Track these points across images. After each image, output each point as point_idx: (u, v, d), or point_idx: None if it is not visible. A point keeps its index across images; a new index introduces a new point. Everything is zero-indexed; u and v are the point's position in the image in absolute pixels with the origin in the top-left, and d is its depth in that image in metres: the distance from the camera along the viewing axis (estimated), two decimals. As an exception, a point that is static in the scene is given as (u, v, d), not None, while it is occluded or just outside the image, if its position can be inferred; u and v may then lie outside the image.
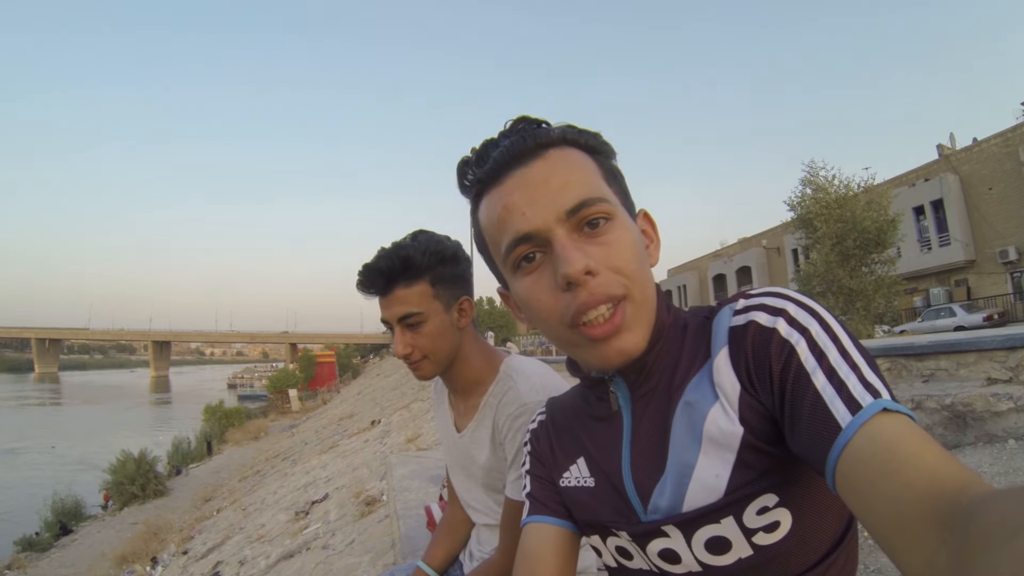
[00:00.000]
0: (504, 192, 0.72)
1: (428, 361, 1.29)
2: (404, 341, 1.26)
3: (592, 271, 0.66)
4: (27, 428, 41.14)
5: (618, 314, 0.68)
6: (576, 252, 0.67)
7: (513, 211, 0.70)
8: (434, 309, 1.28)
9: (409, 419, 11.32)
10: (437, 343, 1.28)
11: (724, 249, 39.32)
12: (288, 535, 6.58)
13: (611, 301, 0.67)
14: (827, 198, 15.44)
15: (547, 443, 0.89)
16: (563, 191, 0.69)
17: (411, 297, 1.26)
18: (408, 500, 3.73)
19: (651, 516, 0.71)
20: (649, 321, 0.72)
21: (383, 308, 1.28)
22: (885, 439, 0.52)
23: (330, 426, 20.67)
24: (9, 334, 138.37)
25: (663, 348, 0.75)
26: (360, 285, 1.29)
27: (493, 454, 1.31)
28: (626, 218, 0.72)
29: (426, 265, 1.27)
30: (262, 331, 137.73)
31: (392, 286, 1.25)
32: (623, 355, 0.70)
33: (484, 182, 0.75)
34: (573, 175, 0.70)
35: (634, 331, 0.70)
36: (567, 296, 0.68)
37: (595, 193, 0.69)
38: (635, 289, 0.69)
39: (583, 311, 0.67)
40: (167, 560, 9.98)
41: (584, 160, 0.73)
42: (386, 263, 1.25)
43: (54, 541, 14.88)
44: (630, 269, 0.69)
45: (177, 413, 51.01)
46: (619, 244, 0.69)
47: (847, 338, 0.62)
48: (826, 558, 0.68)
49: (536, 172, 0.71)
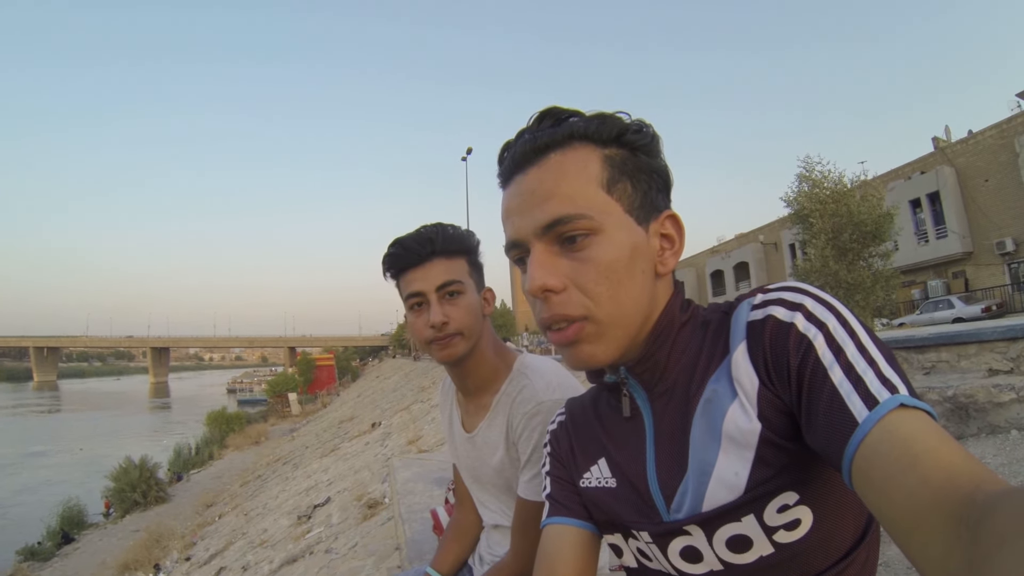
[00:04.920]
0: (507, 196, 0.76)
1: (461, 338, 1.26)
2: (442, 310, 1.23)
3: (552, 288, 0.69)
4: (38, 433, 40.94)
5: (571, 330, 0.70)
6: (539, 269, 0.70)
7: (507, 217, 0.75)
8: (470, 286, 1.29)
9: (409, 421, 11.32)
10: (470, 320, 1.26)
11: (721, 245, 39.60)
12: (291, 539, 6.59)
13: (567, 320, 0.70)
14: (822, 193, 15.44)
15: (567, 444, 0.89)
16: (544, 205, 0.70)
17: (453, 267, 1.27)
18: (412, 503, 3.71)
19: (673, 516, 0.71)
20: (617, 339, 0.72)
21: (417, 279, 1.25)
22: (901, 434, 0.52)
23: (330, 429, 20.68)
24: (7, 343, 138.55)
25: (677, 347, 0.75)
26: (395, 255, 1.27)
27: (507, 454, 1.29)
28: (617, 232, 0.71)
29: (465, 245, 1.30)
30: (261, 335, 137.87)
31: (432, 255, 1.25)
32: (582, 363, 0.72)
33: (502, 180, 0.79)
34: (561, 186, 0.70)
35: (595, 345, 0.71)
36: (537, 303, 0.72)
37: (576, 209, 0.69)
38: (599, 311, 0.69)
39: (545, 323, 0.72)
40: (170, 567, 9.94)
41: (586, 163, 0.72)
42: (433, 232, 1.26)
43: (56, 550, 14.82)
44: (597, 291, 0.69)
45: (177, 418, 50.95)
46: (593, 263, 0.69)
47: (865, 333, 0.62)
48: (847, 555, 0.68)
49: (529, 181, 0.73)
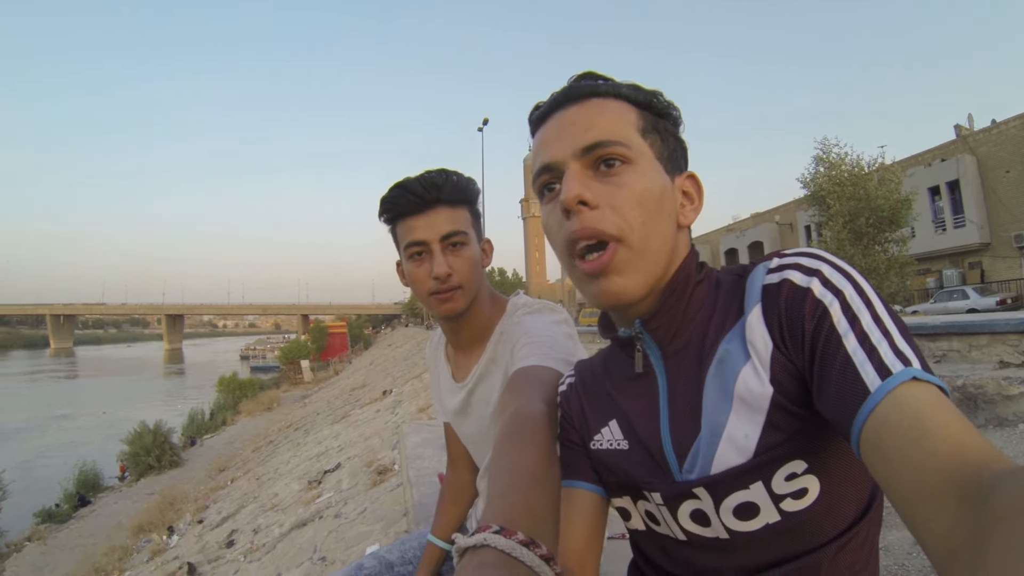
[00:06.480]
0: (544, 129, 0.78)
1: (461, 291, 1.22)
2: (446, 262, 1.19)
3: (588, 202, 0.70)
4: (59, 398, 41.58)
5: (606, 255, 0.70)
6: (575, 183, 0.71)
7: (543, 144, 0.76)
8: (472, 237, 1.25)
9: (421, 389, 11.20)
10: (472, 273, 1.23)
11: (737, 224, 39.15)
12: (301, 504, 6.55)
13: (600, 237, 0.70)
14: (840, 176, 15.24)
15: (578, 405, 0.87)
16: (586, 131, 0.72)
17: (457, 216, 1.22)
18: (421, 468, 3.73)
19: (686, 476, 0.71)
20: (648, 272, 0.72)
21: (419, 227, 1.20)
22: (912, 407, 0.52)
23: (342, 396, 20.64)
24: (24, 311, 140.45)
25: (692, 305, 0.76)
26: (396, 199, 1.21)
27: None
28: (649, 169, 0.73)
29: (469, 194, 1.26)
30: (274, 303, 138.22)
31: (437, 203, 1.20)
32: (611, 296, 0.72)
33: (536, 122, 0.81)
34: (602, 120, 0.73)
35: (626, 277, 0.71)
36: (567, 224, 0.72)
37: (615, 137, 0.72)
38: (632, 235, 0.70)
39: (574, 239, 0.71)
40: (183, 529, 10.02)
41: (624, 111, 0.75)
42: (439, 178, 1.20)
43: (72, 512, 15.07)
44: (631, 214, 0.70)
45: (192, 384, 51.38)
46: (627, 187, 0.71)
47: (881, 304, 0.62)
48: (850, 529, 0.69)
49: (571, 114, 0.75)
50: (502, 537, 0.50)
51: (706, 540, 0.72)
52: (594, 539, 0.81)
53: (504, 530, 0.50)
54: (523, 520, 0.54)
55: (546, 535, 0.55)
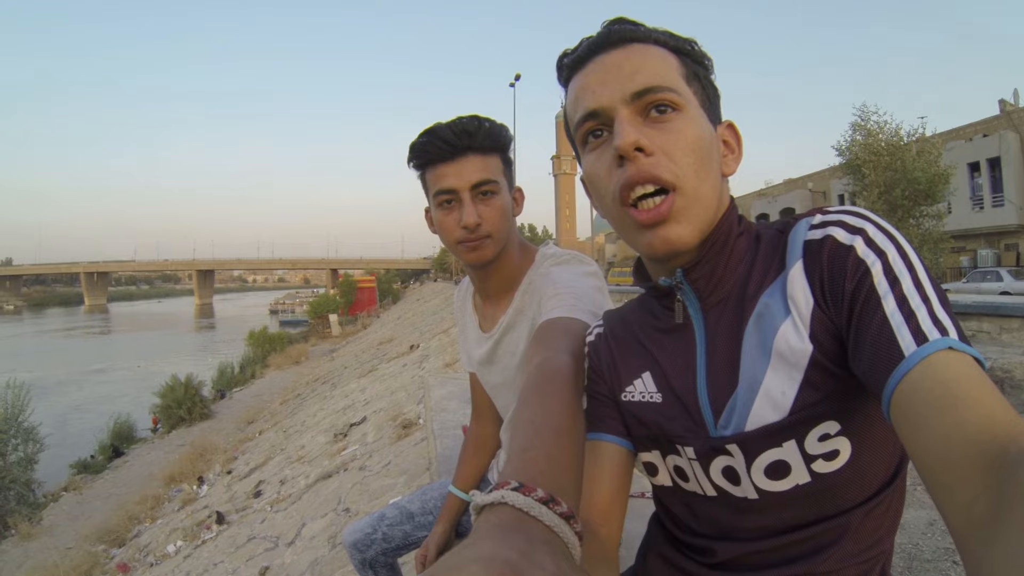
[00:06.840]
0: (583, 74, 0.75)
1: (491, 240, 1.20)
2: (476, 211, 1.18)
3: (644, 148, 0.68)
4: (94, 353, 42.78)
5: (665, 204, 0.68)
6: (630, 128, 0.68)
7: (586, 90, 0.73)
8: (503, 185, 1.23)
9: (448, 344, 11.37)
10: (502, 222, 1.21)
11: (769, 189, 39.17)
12: (327, 456, 6.70)
13: (657, 183, 0.68)
14: (877, 144, 14.60)
15: (608, 356, 0.85)
16: (634, 76, 0.70)
17: (488, 164, 1.20)
18: (446, 420, 3.74)
19: (721, 431, 0.71)
20: (701, 220, 0.70)
21: (450, 175, 1.17)
22: (945, 375, 0.52)
23: (369, 350, 21.01)
24: (59, 269, 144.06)
25: (734, 257, 0.74)
26: (427, 145, 1.18)
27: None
28: (698, 116, 0.72)
29: (501, 141, 1.23)
30: (303, 257, 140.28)
31: (468, 151, 1.17)
32: (668, 245, 0.70)
33: (571, 67, 0.77)
34: (648, 64, 0.71)
35: (683, 224, 0.69)
36: (619, 171, 0.69)
37: (665, 82, 0.70)
38: (686, 182, 0.68)
39: (630, 185, 0.68)
40: (212, 479, 10.29)
41: (666, 57, 0.73)
42: (471, 125, 1.17)
43: (107, 463, 15.47)
44: (685, 162, 0.68)
45: (222, 338, 52.65)
46: (680, 134, 0.69)
47: (923, 270, 0.61)
48: (877, 495, 0.68)
49: (614, 58, 0.72)
50: (520, 494, 0.47)
51: (735, 499, 0.72)
52: (620, 494, 0.80)
53: (523, 486, 0.48)
54: (544, 475, 0.53)
55: (568, 491, 0.55)
